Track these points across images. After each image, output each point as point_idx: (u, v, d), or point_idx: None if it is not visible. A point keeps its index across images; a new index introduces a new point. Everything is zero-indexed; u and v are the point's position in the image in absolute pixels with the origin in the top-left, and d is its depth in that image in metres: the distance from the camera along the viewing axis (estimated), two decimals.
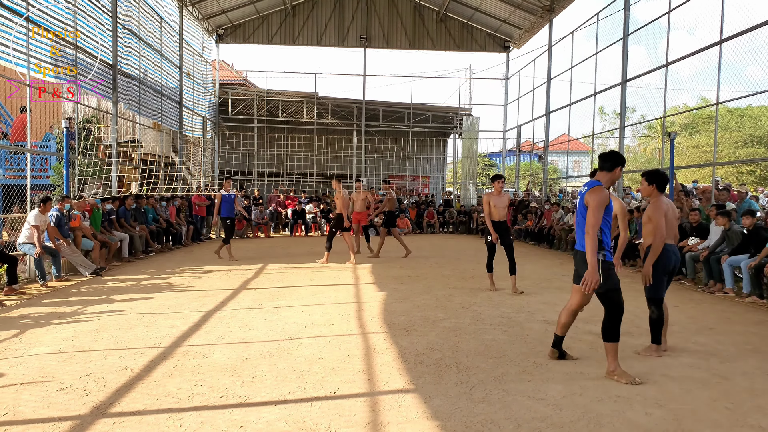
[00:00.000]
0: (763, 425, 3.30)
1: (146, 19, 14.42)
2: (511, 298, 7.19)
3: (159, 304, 6.58)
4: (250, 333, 5.25)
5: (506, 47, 21.87)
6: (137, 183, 13.94)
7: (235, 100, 21.89)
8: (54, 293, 7.35)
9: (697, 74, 50.75)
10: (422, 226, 18.98)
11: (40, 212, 7.89)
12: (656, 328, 4.70)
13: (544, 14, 17.89)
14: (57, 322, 5.61)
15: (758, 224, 7.78)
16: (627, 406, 3.54)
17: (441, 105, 23.52)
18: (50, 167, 14.16)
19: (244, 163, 21.49)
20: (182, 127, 17.36)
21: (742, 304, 7.07)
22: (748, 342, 5.19)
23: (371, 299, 6.98)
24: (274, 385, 3.86)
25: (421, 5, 21.36)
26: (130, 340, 4.97)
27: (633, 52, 27.47)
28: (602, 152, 4.43)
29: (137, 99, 13.79)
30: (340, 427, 3.20)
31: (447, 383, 3.92)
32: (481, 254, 12.41)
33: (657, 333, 4.71)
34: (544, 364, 4.38)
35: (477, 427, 3.22)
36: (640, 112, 23.96)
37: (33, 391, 3.70)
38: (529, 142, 21.88)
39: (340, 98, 22.18)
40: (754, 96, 9.80)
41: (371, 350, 4.73)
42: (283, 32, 21.24)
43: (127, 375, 4.04)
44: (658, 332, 4.70)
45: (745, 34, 9.50)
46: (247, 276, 8.80)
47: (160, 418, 3.30)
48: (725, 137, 23.25)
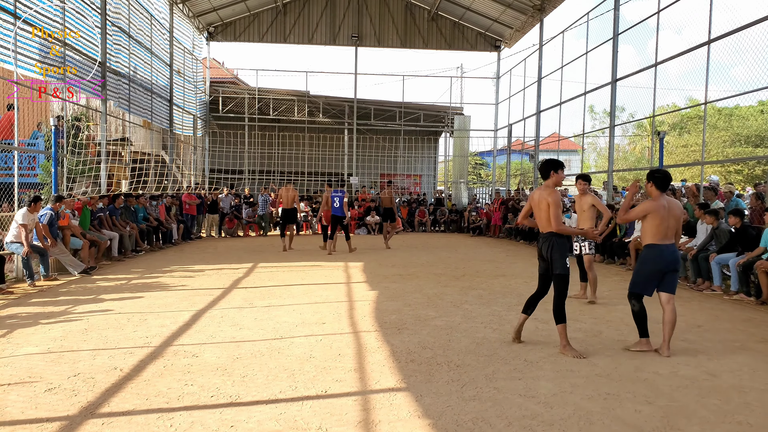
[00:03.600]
0: (751, 422, 3.34)
1: (136, 17, 14.29)
2: (504, 296, 7.20)
3: (149, 303, 6.54)
4: (241, 332, 5.23)
5: (497, 46, 21.93)
6: (127, 181, 13.83)
7: (226, 99, 21.79)
8: (42, 293, 7.27)
9: (686, 74, 51.21)
10: (414, 224, 19.00)
11: (29, 211, 7.80)
12: (641, 321, 4.75)
13: (534, 14, 17.96)
14: (45, 322, 5.56)
15: (745, 223, 7.87)
16: (617, 404, 3.56)
17: (432, 104, 23.55)
18: (38, 165, 14.02)
19: (235, 161, 21.38)
20: (173, 125, 17.25)
21: (729, 302, 7.15)
22: (735, 339, 5.25)
23: (362, 298, 6.98)
24: (265, 385, 3.84)
25: (412, 4, 21.36)
26: (120, 340, 4.93)
27: (623, 52, 27.66)
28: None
29: (127, 97, 13.68)
30: (331, 426, 3.19)
31: (438, 381, 3.92)
32: (472, 252, 12.49)
33: (643, 327, 4.75)
34: (535, 362, 4.40)
35: (468, 425, 3.22)
36: (629, 111, 24.18)
37: (20, 392, 3.66)
38: (520, 141, 21.97)
39: (331, 97, 22.13)
40: (742, 96, 9.89)
41: (362, 349, 4.73)
42: (274, 30, 21.16)
43: (116, 375, 4.01)
44: (644, 326, 4.75)
45: (732, 34, 9.60)
46: (238, 275, 8.77)
47: (150, 418, 3.27)
48: (713, 136, 23.46)
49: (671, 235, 4.67)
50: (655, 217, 4.62)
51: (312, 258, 11.05)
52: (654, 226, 4.63)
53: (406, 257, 11.32)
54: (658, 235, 4.63)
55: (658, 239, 4.63)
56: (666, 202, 4.67)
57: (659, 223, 4.61)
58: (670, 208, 4.64)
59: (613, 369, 4.26)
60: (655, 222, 4.62)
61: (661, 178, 4.70)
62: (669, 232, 4.64)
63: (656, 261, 4.64)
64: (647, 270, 4.69)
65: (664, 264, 4.63)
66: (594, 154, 31.90)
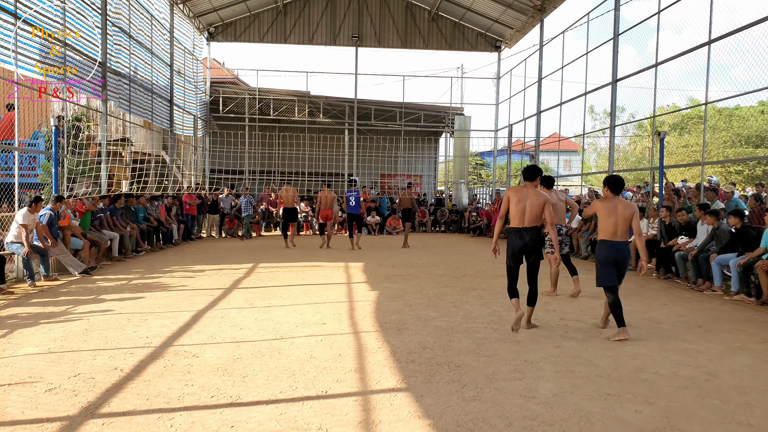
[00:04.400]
0: (752, 422, 3.33)
1: (136, 17, 14.30)
2: (504, 297, 7.19)
3: (149, 303, 6.54)
4: (241, 332, 5.23)
5: (497, 47, 21.93)
6: (127, 181, 13.83)
7: (226, 99, 21.79)
8: (42, 293, 7.27)
9: (686, 74, 51.24)
10: (414, 225, 18.98)
11: (30, 211, 7.80)
12: (617, 312, 5.17)
13: (535, 14, 17.96)
14: (45, 322, 5.56)
15: (745, 223, 7.87)
16: (617, 404, 3.56)
17: (432, 104, 23.55)
18: (39, 166, 14.02)
19: (235, 161, 21.38)
20: (173, 125, 17.26)
21: (730, 302, 7.14)
22: (736, 340, 5.25)
23: (363, 298, 6.98)
24: (265, 385, 3.84)
25: (412, 4, 21.36)
26: (120, 340, 4.93)
27: (623, 52, 27.64)
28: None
29: (127, 97, 13.69)
30: (331, 427, 3.19)
31: (439, 382, 3.92)
32: (472, 252, 12.48)
33: (619, 317, 5.15)
34: (536, 362, 4.40)
35: (468, 425, 3.22)
36: (630, 112, 24.15)
37: (21, 392, 3.66)
38: (520, 142, 21.96)
39: (331, 97, 22.14)
40: (742, 96, 9.88)
41: (363, 349, 4.72)
42: (275, 31, 21.17)
43: (116, 375, 4.00)
44: (620, 316, 5.16)
45: (733, 35, 9.60)
46: (238, 275, 8.77)
47: (150, 419, 3.27)
48: (714, 137, 23.44)
49: (621, 232, 5.23)
50: (603, 216, 5.25)
51: (312, 258, 11.05)
52: (603, 225, 5.28)
53: (406, 257, 11.32)
54: (608, 232, 5.24)
55: (608, 236, 5.24)
56: (616, 203, 5.25)
57: (607, 221, 5.22)
58: (618, 209, 5.22)
59: (613, 369, 4.25)
60: (603, 220, 5.26)
61: (615, 183, 5.33)
62: (618, 230, 5.22)
63: (608, 253, 5.23)
64: (602, 262, 5.28)
65: (616, 255, 5.20)
66: (594, 154, 31.91)
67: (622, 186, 5.37)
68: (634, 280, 8.79)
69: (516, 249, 5.31)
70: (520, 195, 5.32)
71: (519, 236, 5.29)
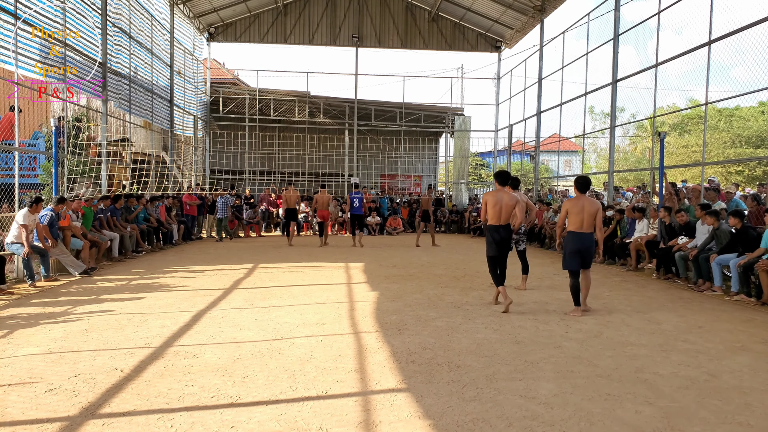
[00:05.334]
0: (752, 423, 3.33)
1: (136, 17, 14.30)
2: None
3: (149, 304, 6.54)
4: (241, 333, 5.23)
5: (498, 47, 21.93)
6: (127, 182, 13.83)
7: (227, 99, 21.79)
8: (43, 293, 7.27)
9: (686, 75, 51.22)
10: (414, 225, 18.97)
11: (30, 212, 7.80)
12: (575, 293, 6.17)
13: (535, 14, 17.95)
14: (46, 323, 5.56)
15: (746, 224, 7.86)
16: (617, 404, 3.56)
17: (433, 104, 23.53)
18: (39, 166, 14.04)
19: (236, 162, 21.38)
20: (173, 125, 17.26)
21: (730, 303, 7.14)
22: (736, 340, 5.25)
23: (363, 298, 6.98)
24: (265, 385, 3.84)
25: (413, 5, 21.36)
26: (120, 341, 4.93)
27: (623, 53, 27.65)
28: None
29: (128, 97, 13.69)
30: (331, 427, 3.19)
31: (439, 382, 3.92)
32: (472, 252, 12.48)
33: (576, 297, 6.17)
34: (536, 362, 4.40)
35: (469, 425, 3.22)
36: (630, 112, 24.15)
37: (21, 392, 3.66)
38: (521, 142, 21.95)
39: (331, 97, 22.13)
40: (742, 96, 9.87)
41: (363, 349, 4.73)
42: (275, 31, 21.17)
43: (117, 375, 4.01)
44: (577, 297, 6.17)
45: (733, 35, 9.59)
46: (238, 276, 8.77)
47: (150, 419, 3.27)
48: (714, 137, 23.43)
49: (587, 226, 6.11)
50: (573, 213, 6.11)
51: (313, 258, 11.05)
52: (572, 219, 6.14)
53: (406, 257, 11.32)
54: (576, 225, 6.12)
55: (575, 228, 6.13)
56: (583, 201, 6.11)
57: (576, 217, 6.09)
58: (584, 206, 6.09)
59: (613, 370, 4.26)
60: (572, 216, 6.12)
61: (582, 183, 6.22)
62: (584, 224, 6.10)
63: (574, 243, 6.12)
64: (568, 250, 6.18)
65: (580, 245, 6.10)
66: (594, 154, 31.92)
67: (589, 185, 6.28)
68: (634, 280, 8.79)
69: (496, 242, 6.41)
70: (496, 198, 6.37)
71: (497, 232, 6.41)
